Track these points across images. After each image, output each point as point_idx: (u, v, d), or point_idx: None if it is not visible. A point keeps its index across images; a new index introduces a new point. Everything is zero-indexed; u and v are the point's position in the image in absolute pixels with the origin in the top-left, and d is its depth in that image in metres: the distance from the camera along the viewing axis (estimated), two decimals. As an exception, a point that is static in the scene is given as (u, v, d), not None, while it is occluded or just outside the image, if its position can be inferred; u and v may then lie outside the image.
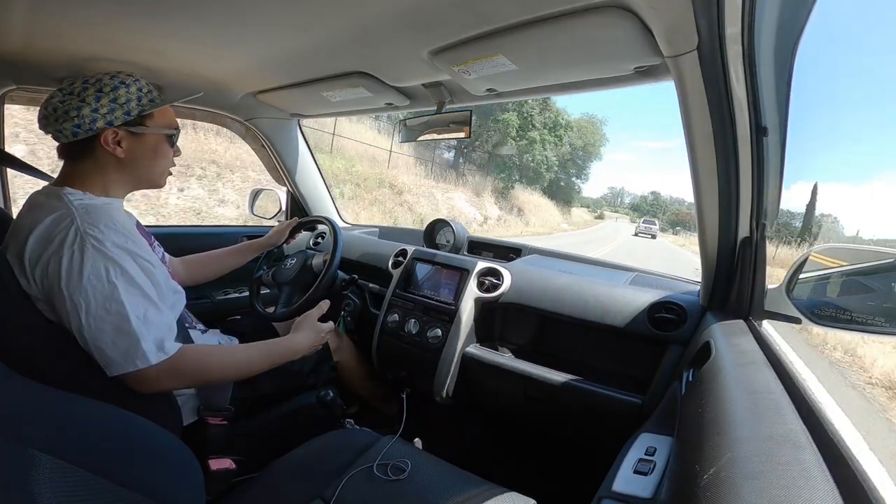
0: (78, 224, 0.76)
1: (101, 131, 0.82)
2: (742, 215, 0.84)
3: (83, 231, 0.76)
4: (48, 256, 0.74)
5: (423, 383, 1.32)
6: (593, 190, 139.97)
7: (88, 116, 0.81)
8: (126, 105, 0.84)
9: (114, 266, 0.77)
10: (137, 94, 0.86)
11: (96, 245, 0.76)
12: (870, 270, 0.82)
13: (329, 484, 0.84)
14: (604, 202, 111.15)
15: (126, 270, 0.78)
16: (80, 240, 0.75)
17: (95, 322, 0.74)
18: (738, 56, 0.62)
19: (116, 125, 0.83)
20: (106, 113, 0.82)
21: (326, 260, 1.35)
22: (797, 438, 0.42)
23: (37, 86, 1.24)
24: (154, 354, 0.77)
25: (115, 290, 0.76)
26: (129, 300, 0.77)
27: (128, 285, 0.78)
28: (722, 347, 0.74)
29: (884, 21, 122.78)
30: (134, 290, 0.78)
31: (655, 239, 27.48)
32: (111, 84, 0.84)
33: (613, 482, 0.60)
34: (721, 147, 0.74)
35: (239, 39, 0.98)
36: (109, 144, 0.84)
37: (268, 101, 1.46)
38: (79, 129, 0.81)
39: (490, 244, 1.72)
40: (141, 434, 0.62)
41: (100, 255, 0.76)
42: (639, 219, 36.24)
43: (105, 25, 0.90)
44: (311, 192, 1.97)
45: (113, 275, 0.76)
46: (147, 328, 0.77)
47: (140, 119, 0.87)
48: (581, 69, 0.91)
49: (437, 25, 0.82)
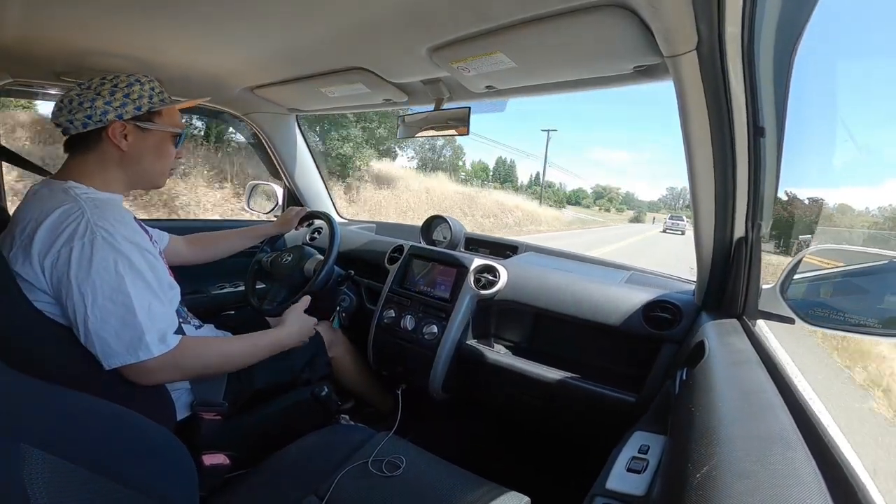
0: (88, 216, 0.77)
1: (110, 123, 0.85)
2: (738, 215, 0.84)
3: (94, 223, 0.77)
4: (58, 247, 0.75)
5: (419, 380, 1.32)
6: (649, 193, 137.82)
7: (101, 108, 0.84)
8: (138, 101, 0.87)
9: (122, 258, 0.78)
10: (150, 92, 0.90)
11: (106, 237, 0.77)
12: (863, 272, 0.83)
13: (324, 480, 0.84)
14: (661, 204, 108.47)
15: (133, 263, 0.80)
16: (91, 232, 0.76)
17: (101, 312, 0.76)
18: (737, 56, 0.62)
19: (126, 119, 0.86)
20: (118, 106, 0.85)
21: (317, 268, 1.35)
22: (788, 438, 0.43)
23: (33, 79, 1.23)
24: (156, 346, 0.79)
25: (122, 281, 0.77)
26: (135, 292, 0.78)
27: (134, 278, 0.79)
28: (715, 347, 0.74)
29: (886, 22, 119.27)
30: (140, 282, 0.80)
31: (685, 235, 27.27)
32: (127, 81, 0.87)
33: (607, 480, 0.61)
34: (718, 147, 0.75)
35: (236, 34, 0.97)
36: (116, 137, 0.86)
37: (265, 95, 1.45)
38: (90, 120, 0.84)
39: (486, 241, 1.72)
40: (134, 429, 0.62)
41: (109, 248, 0.77)
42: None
43: (101, 19, 0.90)
44: (308, 188, 1.96)
45: (121, 267, 0.78)
46: (151, 320, 0.79)
47: (149, 115, 0.89)
48: (580, 68, 0.91)
49: (437, 22, 0.82)
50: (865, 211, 17.26)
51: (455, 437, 1.54)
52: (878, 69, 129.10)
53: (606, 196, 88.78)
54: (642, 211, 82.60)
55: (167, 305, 0.85)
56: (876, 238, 16.88)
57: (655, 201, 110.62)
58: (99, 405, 0.60)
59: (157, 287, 0.84)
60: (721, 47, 0.61)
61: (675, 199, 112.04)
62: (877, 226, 15.26)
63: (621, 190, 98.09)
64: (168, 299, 0.87)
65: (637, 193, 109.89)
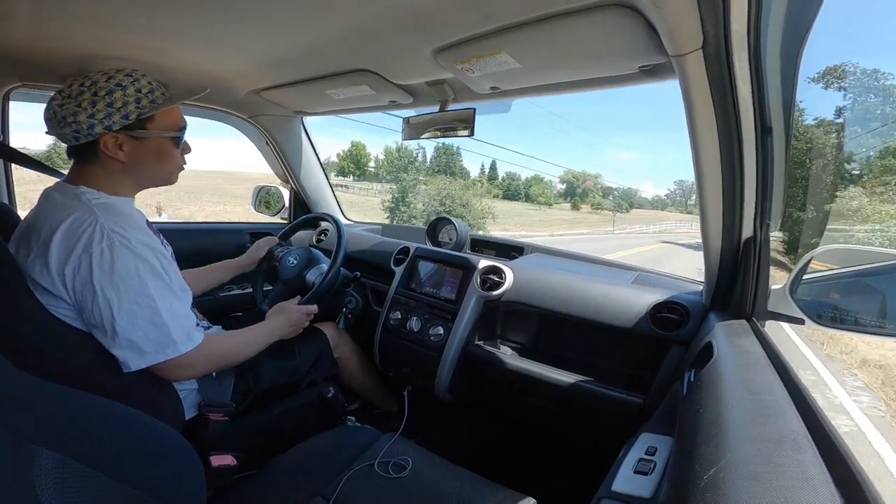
0: (102, 223, 0.78)
1: (100, 136, 0.81)
2: (746, 215, 0.84)
3: (109, 228, 0.78)
4: (78, 254, 0.75)
5: (425, 381, 1.32)
6: (654, 190, 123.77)
7: (85, 122, 0.80)
8: (123, 109, 0.82)
9: (142, 262, 0.80)
10: (136, 95, 0.83)
11: (124, 242, 0.78)
12: (874, 272, 0.82)
13: (330, 481, 0.84)
14: (668, 201, 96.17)
15: (153, 266, 0.81)
16: (108, 237, 0.77)
17: (129, 315, 0.77)
18: (743, 55, 0.62)
19: (115, 130, 0.82)
20: (103, 118, 0.80)
21: (316, 282, 1.36)
22: (798, 439, 0.42)
23: (41, 82, 1.25)
24: (184, 344, 0.83)
25: (145, 285, 0.79)
26: (158, 294, 0.80)
27: (156, 280, 0.81)
28: (724, 348, 0.73)
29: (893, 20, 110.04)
30: (161, 284, 0.82)
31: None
32: (106, 87, 0.81)
33: (613, 482, 0.60)
34: (725, 146, 0.74)
35: (243, 37, 0.98)
36: (110, 149, 0.83)
37: (271, 98, 1.46)
38: (78, 135, 0.81)
39: (492, 242, 1.71)
40: (143, 430, 0.62)
41: (129, 252, 0.78)
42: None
43: (108, 22, 0.91)
44: (314, 190, 1.97)
45: (142, 271, 0.79)
46: (176, 319, 0.82)
47: (140, 122, 0.84)
48: (585, 68, 0.91)
49: (441, 23, 0.82)
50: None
51: (461, 438, 1.53)
52: (886, 66, 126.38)
53: (581, 186, 73.62)
54: (621, 205, 69.49)
55: (186, 305, 0.88)
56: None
57: (663, 198, 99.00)
58: (108, 406, 0.60)
59: (176, 288, 0.86)
60: (727, 46, 0.60)
61: (686, 194, 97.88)
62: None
63: (603, 180, 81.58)
64: (185, 300, 0.89)
65: (641, 191, 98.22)
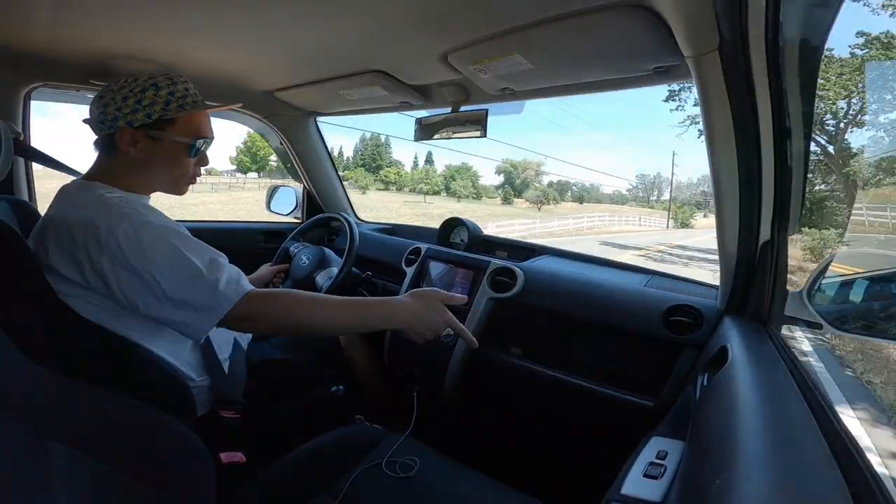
0: (119, 209, 0.78)
1: (121, 129, 0.84)
2: (763, 218, 0.82)
3: (125, 212, 0.78)
4: (104, 242, 0.75)
5: (434, 381, 1.32)
6: (615, 182, 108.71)
7: (111, 115, 0.83)
8: (150, 108, 0.84)
9: (168, 231, 0.79)
10: (167, 97, 0.85)
11: (143, 221, 0.78)
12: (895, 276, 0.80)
13: (338, 479, 0.85)
14: (629, 196, 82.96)
15: (178, 231, 0.81)
16: (127, 218, 0.77)
17: (174, 282, 0.76)
18: (761, 56, 0.61)
19: (135, 126, 0.84)
20: (128, 113, 0.83)
21: (324, 286, 1.37)
22: (812, 445, 0.41)
23: (63, 82, 1.28)
24: (234, 292, 0.78)
25: (176, 250, 0.77)
26: (193, 255, 0.78)
27: (185, 241, 0.80)
28: (738, 352, 0.72)
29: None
30: (192, 244, 0.80)
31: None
32: (142, 85, 0.84)
33: (623, 485, 0.60)
34: (743, 148, 0.73)
35: (259, 38, 1.00)
36: (124, 143, 0.85)
37: (286, 98, 1.48)
38: (103, 125, 0.84)
39: (504, 244, 1.71)
40: (156, 426, 0.63)
41: (151, 227, 0.78)
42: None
43: (127, 23, 0.93)
44: (326, 189, 1.99)
45: (170, 236, 0.78)
46: (220, 272, 0.79)
47: (160, 123, 0.86)
48: (598, 69, 0.90)
49: (453, 25, 0.82)
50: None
51: (469, 439, 1.53)
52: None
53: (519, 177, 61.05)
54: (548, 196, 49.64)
55: (224, 260, 0.83)
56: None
57: (624, 192, 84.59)
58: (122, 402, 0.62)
59: (208, 249, 0.83)
60: (744, 47, 0.60)
61: (649, 189, 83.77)
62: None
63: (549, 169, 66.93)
64: (222, 256, 0.85)
65: (603, 186, 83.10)
